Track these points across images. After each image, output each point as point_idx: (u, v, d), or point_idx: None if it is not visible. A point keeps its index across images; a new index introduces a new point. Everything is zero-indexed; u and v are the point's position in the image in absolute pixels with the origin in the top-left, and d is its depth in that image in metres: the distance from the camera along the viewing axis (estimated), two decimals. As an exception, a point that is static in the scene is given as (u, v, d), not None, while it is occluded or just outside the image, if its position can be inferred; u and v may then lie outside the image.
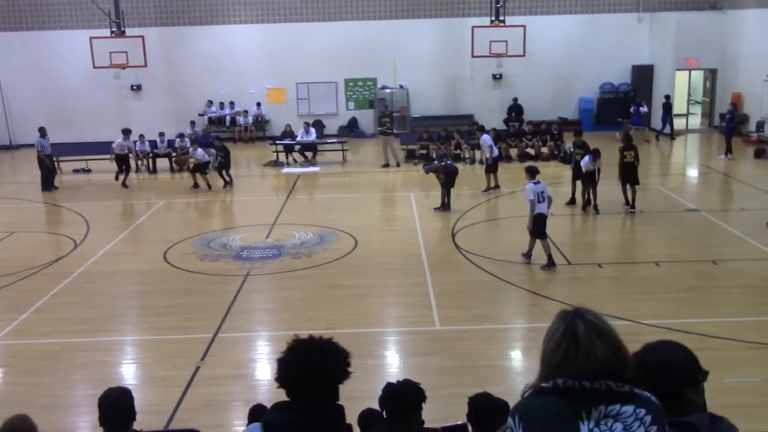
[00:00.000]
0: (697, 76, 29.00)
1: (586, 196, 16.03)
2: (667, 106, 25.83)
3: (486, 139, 18.69)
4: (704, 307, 10.68)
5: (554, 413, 2.08)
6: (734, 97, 25.32)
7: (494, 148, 18.57)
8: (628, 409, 2.04)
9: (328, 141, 25.31)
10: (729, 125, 22.30)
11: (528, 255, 12.63)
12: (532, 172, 12.55)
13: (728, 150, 21.98)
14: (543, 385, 2.17)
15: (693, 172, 21.86)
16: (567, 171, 18.28)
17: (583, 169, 15.68)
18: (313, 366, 2.71)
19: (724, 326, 9.79)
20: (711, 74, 27.46)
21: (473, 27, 23.68)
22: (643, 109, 25.31)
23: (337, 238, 14.52)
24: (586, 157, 15.73)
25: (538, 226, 12.31)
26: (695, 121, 28.99)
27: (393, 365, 9.23)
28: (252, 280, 12.37)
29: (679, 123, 27.45)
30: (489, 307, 10.87)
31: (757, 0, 24.13)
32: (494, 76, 27.25)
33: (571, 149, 18.22)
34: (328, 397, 2.76)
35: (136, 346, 10.13)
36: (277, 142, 23.96)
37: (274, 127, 27.36)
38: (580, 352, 2.09)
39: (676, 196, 17.70)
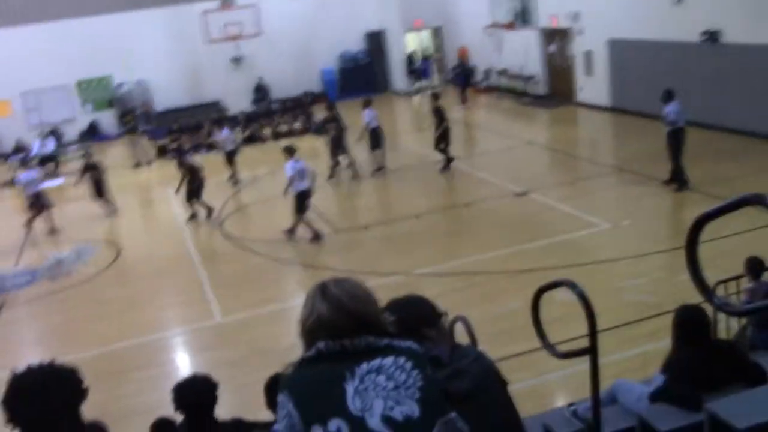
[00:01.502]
0: (426, 36, 30.72)
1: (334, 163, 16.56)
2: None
3: (225, 133, 17.88)
4: (465, 248, 11.48)
5: (320, 379, 2.09)
6: (461, 51, 27.19)
7: (231, 136, 17.95)
8: (389, 360, 2.07)
9: (69, 149, 23.57)
10: (461, 77, 23.97)
11: (291, 231, 12.68)
12: (290, 151, 12.61)
13: (464, 100, 23.66)
14: (305, 354, 2.16)
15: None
16: (321, 143, 18.56)
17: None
18: (42, 399, 2.50)
19: (486, 262, 10.60)
20: (437, 32, 29.24)
21: (204, 11, 23.15)
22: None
23: (97, 251, 13.65)
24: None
25: (299, 202, 12.44)
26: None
27: (180, 368, 8.92)
28: (7, 313, 11.27)
29: (415, 82, 29.09)
30: (268, 289, 10.85)
31: (464, -41, 25.98)
32: (234, 60, 26.88)
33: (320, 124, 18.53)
34: (72, 424, 2.56)
35: None
36: (10, 158, 21.89)
37: (3, 144, 24.94)
38: (306, 310, 2.17)
39: (423, 150, 18.73)
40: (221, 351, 9.03)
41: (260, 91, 27.08)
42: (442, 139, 16.10)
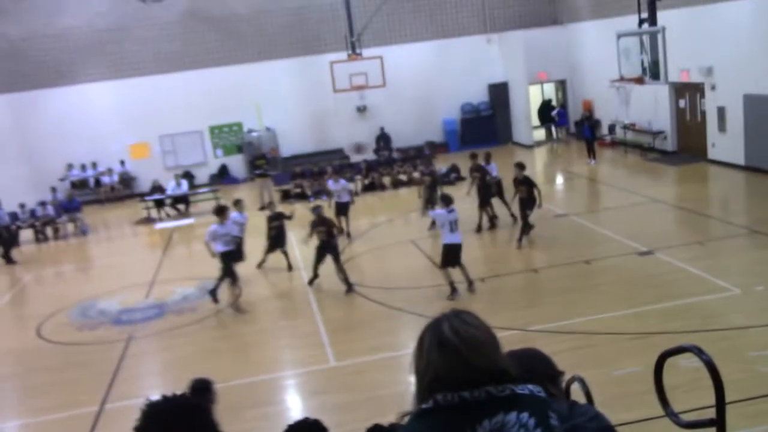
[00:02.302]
0: (549, 88, 30.52)
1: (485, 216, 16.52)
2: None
3: (330, 183, 17.51)
4: (584, 306, 11.13)
5: None
6: (585, 104, 26.82)
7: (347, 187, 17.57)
8: (511, 418, 1.95)
9: (199, 191, 24.79)
10: (587, 131, 23.54)
11: (453, 290, 12.03)
12: (446, 201, 12.10)
13: (592, 154, 23.19)
14: (423, 406, 2.04)
15: (559, 179, 22.85)
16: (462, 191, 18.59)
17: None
18: (172, 428, 2.60)
19: (604, 322, 10.24)
20: (561, 85, 29.00)
21: (331, 62, 23.96)
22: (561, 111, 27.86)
23: (222, 288, 14.18)
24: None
25: (450, 256, 12.01)
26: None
27: (293, 408, 9.07)
28: (136, 343, 11.85)
29: (538, 134, 28.87)
30: (381, 337, 10.89)
31: (592, 12, 25.78)
32: (358, 108, 27.63)
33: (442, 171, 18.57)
34: None
35: (15, 432, 9.47)
36: (146, 197, 23.25)
37: (141, 184, 26.55)
38: (422, 361, 2.03)
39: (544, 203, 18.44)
40: (332, 395, 9.11)
41: (382, 140, 27.64)
42: (528, 206, 14.86)
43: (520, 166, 15.06)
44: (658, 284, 11.70)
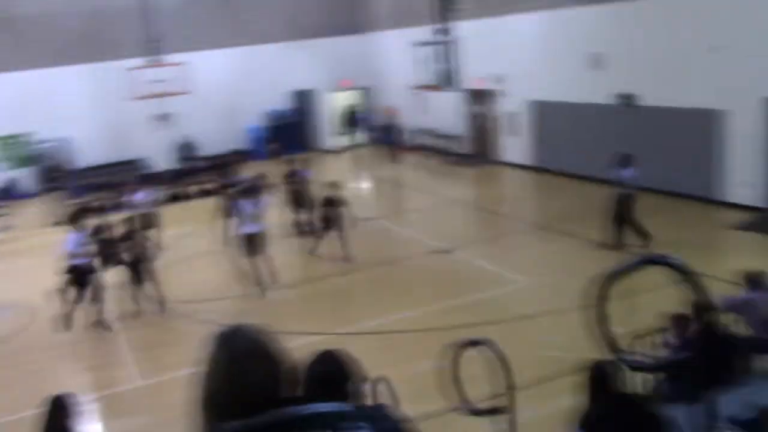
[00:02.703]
0: (354, 95, 31.13)
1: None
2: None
3: (138, 196, 16.63)
4: (387, 306, 11.48)
5: None
6: (388, 110, 27.66)
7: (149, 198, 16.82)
8: None
9: (-15, 207, 22.70)
10: (389, 136, 24.32)
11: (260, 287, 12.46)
12: (250, 192, 12.91)
13: (394, 158, 23.98)
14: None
15: (365, 183, 23.38)
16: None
17: None
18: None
19: (409, 320, 10.64)
20: (365, 92, 29.73)
21: (130, 69, 22.96)
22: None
23: (12, 312, 13.11)
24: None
25: (249, 245, 12.48)
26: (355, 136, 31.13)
27: (94, 435, 8.57)
28: None
29: (343, 140, 29.39)
30: (190, 352, 10.56)
31: (391, 22, 26.69)
32: (159, 116, 26.65)
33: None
34: None
35: None
36: None
37: None
38: (239, 377, 1.85)
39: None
40: (139, 417, 8.72)
41: (185, 149, 26.84)
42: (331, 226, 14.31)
43: (335, 186, 14.27)
44: (457, 281, 12.35)
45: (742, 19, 13.94)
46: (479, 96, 22.93)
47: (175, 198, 22.07)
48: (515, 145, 21.26)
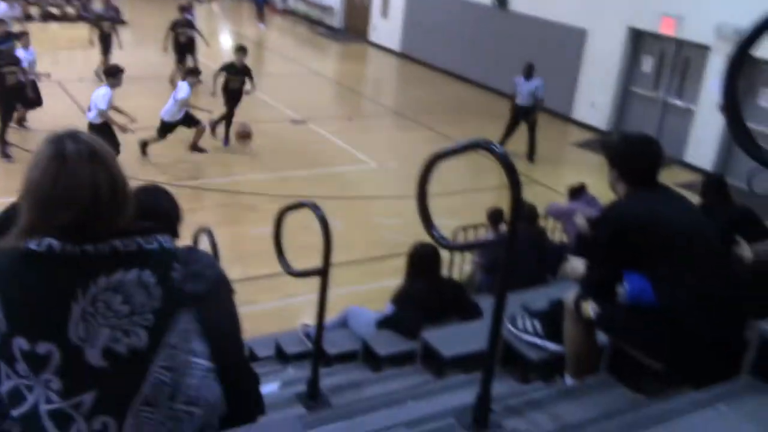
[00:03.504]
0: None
1: None
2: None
3: None
4: (235, 166, 11.30)
5: (44, 289, 1.65)
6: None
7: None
8: (132, 276, 1.68)
9: None
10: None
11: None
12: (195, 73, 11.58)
13: (261, 19, 22.98)
14: (31, 246, 1.64)
15: (225, 40, 22.33)
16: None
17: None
18: None
19: (252, 183, 10.54)
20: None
21: None
22: None
23: None
24: None
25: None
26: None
27: None
28: None
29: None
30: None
31: None
32: None
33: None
34: None
35: None
36: None
37: None
38: (68, 174, 1.63)
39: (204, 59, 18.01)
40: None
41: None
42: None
43: (243, 51, 12.33)
44: (307, 153, 12.29)
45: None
46: (359, -30, 22.26)
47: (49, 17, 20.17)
48: (386, 27, 20.98)
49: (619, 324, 2.94)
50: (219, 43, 20.71)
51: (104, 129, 9.58)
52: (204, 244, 4.28)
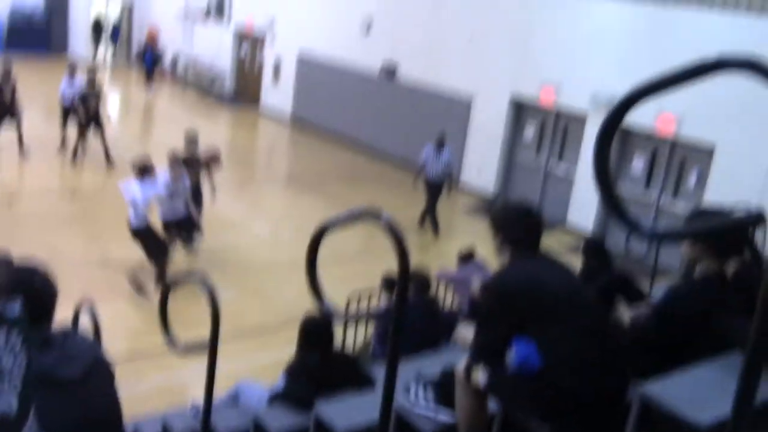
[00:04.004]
0: (116, 8, 29.00)
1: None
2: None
3: None
4: (103, 235, 10.93)
5: None
6: (150, 31, 26.07)
7: None
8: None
9: None
10: (149, 58, 22.95)
11: None
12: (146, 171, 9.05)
13: (149, 83, 22.70)
14: None
15: (114, 104, 21.84)
16: None
17: None
18: None
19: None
20: (128, 10, 27.76)
21: None
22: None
23: None
24: None
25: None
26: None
27: None
28: None
29: (98, 52, 27.39)
30: None
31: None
32: None
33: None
34: None
35: None
36: None
37: None
38: None
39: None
40: None
41: None
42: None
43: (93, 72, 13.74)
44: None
45: (503, 18, 14.95)
46: (248, 37, 22.43)
47: None
48: (277, 94, 21.11)
49: (508, 389, 3.00)
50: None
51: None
52: (85, 320, 4.10)
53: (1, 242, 9.11)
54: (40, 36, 25.51)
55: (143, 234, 8.81)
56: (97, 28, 27.58)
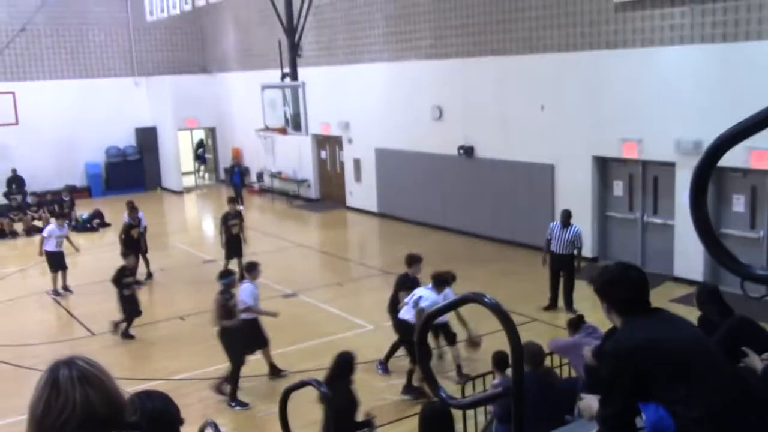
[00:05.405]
0: (200, 135, 30.63)
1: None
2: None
3: None
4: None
5: None
6: (234, 151, 27.34)
7: None
8: None
9: None
10: (236, 177, 24.03)
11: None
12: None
13: (241, 201, 23.61)
14: None
15: (208, 225, 22.82)
16: (107, 239, 17.45)
17: None
18: None
19: (250, 365, 10.37)
20: (211, 132, 29.26)
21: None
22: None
23: None
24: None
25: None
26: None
27: None
28: None
29: (188, 180, 28.70)
30: (7, 399, 9.75)
31: (239, 64, 26.56)
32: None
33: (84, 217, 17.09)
34: None
35: None
36: None
37: None
38: (60, 398, 1.91)
39: (193, 250, 18.31)
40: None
41: (13, 183, 25.05)
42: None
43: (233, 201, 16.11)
44: (301, 325, 12.22)
45: (571, 82, 14.97)
46: (326, 141, 23.19)
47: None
48: (361, 191, 21.59)
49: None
50: (205, 228, 21.15)
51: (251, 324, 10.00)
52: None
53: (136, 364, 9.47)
54: (135, 174, 27.15)
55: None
56: (198, 151, 29.41)
